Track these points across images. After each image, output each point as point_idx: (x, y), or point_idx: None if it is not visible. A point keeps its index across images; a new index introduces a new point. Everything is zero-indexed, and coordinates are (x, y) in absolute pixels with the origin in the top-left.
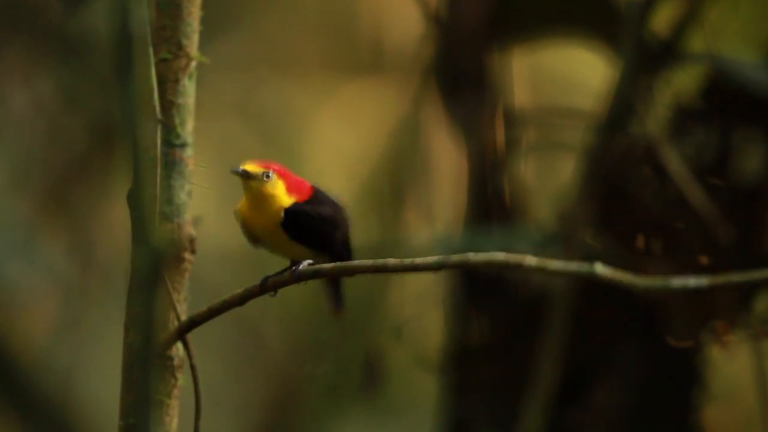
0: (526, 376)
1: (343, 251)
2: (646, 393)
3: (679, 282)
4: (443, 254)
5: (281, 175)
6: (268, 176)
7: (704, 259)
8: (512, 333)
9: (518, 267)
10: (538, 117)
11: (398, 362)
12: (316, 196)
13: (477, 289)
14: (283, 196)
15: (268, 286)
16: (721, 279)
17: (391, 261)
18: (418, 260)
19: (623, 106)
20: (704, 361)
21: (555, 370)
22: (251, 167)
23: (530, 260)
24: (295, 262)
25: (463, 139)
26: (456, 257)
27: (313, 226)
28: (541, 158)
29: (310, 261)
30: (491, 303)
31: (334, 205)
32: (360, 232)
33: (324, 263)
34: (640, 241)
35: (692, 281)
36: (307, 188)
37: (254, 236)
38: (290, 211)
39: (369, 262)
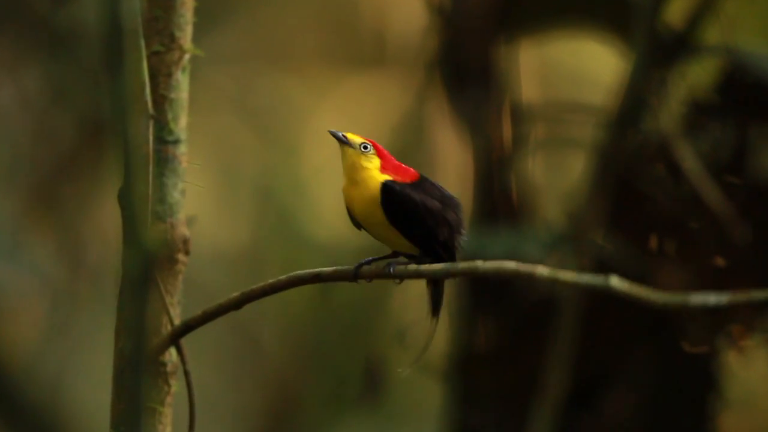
0: (534, 383)
1: (444, 251)
2: (660, 400)
3: (698, 299)
4: None
5: (380, 154)
6: (365, 147)
7: (720, 261)
8: (519, 338)
9: (529, 277)
10: (547, 112)
11: (401, 367)
12: (421, 183)
13: (483, 293)
14: (377, 171)
15: (360, 274)
16: (742, 297)
17: (397, 267)
18: (423, 267)
19: (635, 101)
20: (720, 367)
21: (564, 377)
22: (351, 135)
23: (542, 270)
24: (395, 253)
25: (469, 136)
26: (464, 264)
27: (409, 210)
28: (550, 155)
29: (405, 260)
30: (497, 307)
31: (442, 198)
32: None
33: (426, 262)
34: (653, 242)
35: (712, 299)
36: (411, 173)
37: (356, 218)
38: (386, 187)
39: (372, 266)
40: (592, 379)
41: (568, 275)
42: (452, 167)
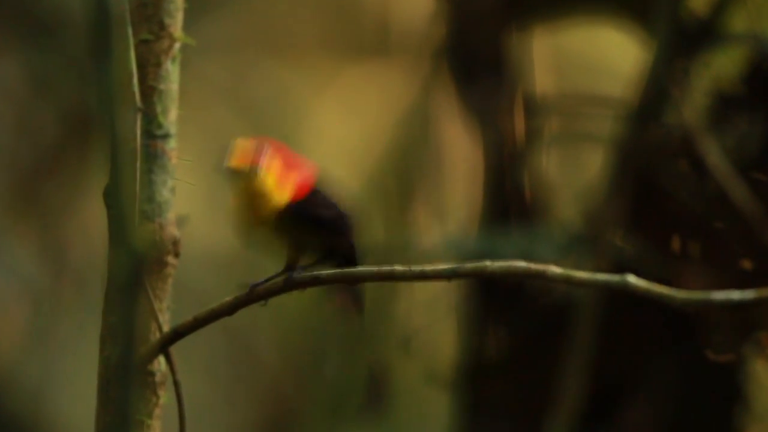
0: (548, 394)
1: (349, 255)
2: (683, 411)
3: (721, 295)
4: (456, 258)
5: (273, 164)
6: (255, 172)
7: (747, 263)
8: (533, 345)
9: (541, 277)
10: (562, 104)
11: (406, 378)
12: (316, 191)
13: (494, 297)
14: (274, 193)
15: (256, 295)
16: None
17: (399, 268)
18: (429, 268)
19: (657, 92)
20: (747, 377)
21: (581, 386)
22: (237, 162)
23: (554, 270)
24: (289, 267)
25: (479, 130)
26: (471, 265)
27: (310, 226)
28: (566, 150)
29: (303, 266)
30: (509, 312)
31: (338, 201)
32: (363, 233)
33: (323, 268)
34: (676, 244)
35: (736, 295)
36: (305, 177)
37: (247, 238)
38: (285, 209)
39: (374, 268)
40: (611, 389)
41: (581, 274)
42: (461, 164)
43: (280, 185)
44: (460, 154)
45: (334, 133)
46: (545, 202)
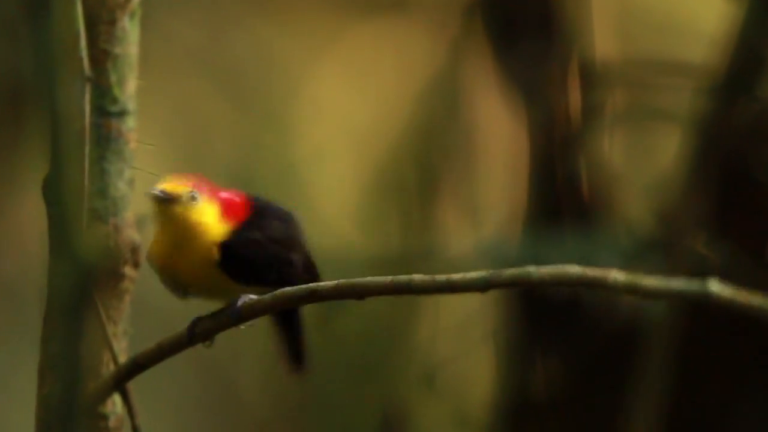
0: None
1: (308, 275)
2: None
3: None
4: (492, 269)
5: (209, 197)
6: (194, 198)
7: None
8: (592, 380)
9: (599, 285)
10: (629, 74)
11: (430, 421)
12: (257, 214)
13: (542, 318)
14: (214, 224)
15: (197, 336)
16: None
17: (418, 278)
18: (456, 276)
19: (748, 58)
20: None
21: (654, 429)
22: (173, 186)
23: (616, 276)
24: (233, 302)
25: (522, 106)
26: (510, 273)
27: (262, 259)
28: (634, 132)
29: (251, 296)
30: (562, 337)
31: (282, 218)
32: (375, 237)
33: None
34: None
35: None
36: (242, 204)
37: (180, 285)
38: (229, 246)
39: (387, 279)
40: (692, 430)
41: (651, 282)
42: (498, 148)
43: (220, 214)
44: (499, 136)
45: (336, 109)
46: (607, 197)
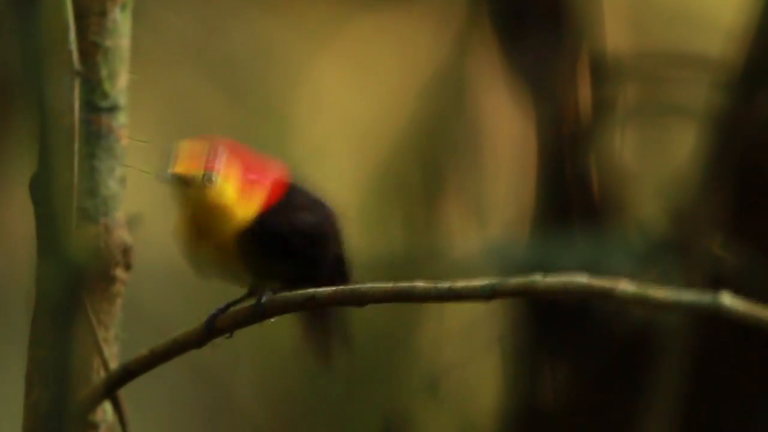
0: None
1: (338, 272)
2: None
3: None
4: (499, 272)
5: (231, 170)
6: (210, 179)
7: None
8: (603, 387)
9: (607, 296)
10: (642, 67)
11: (434, 430)
12: (287, 200)
13: (550, 324)
14: (236, 207)
15: (216, 329)
16: None
17: (421, 285)
18: (460, 285)
19: (767, 51)
20: None
21: None
22: (185, 166)
23: (625, 287)
24: (252, 291)
25: (530, 101)
26: (516, 281)
27: (283, 253)
28: (647, 129)
29: (274, 289)
30: (571, 343)
31: (314, 208)
32: (377, 238)
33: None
34: None
35: None
36: (273, 181)
37: (201, 267)
38: (248, 235)
39: (388, 285)
40: None
41: (661, 294)
42: (505, 146)
43: (242, 196)
44: (505, 133)
45: (336, 105)
46: (618, 196)
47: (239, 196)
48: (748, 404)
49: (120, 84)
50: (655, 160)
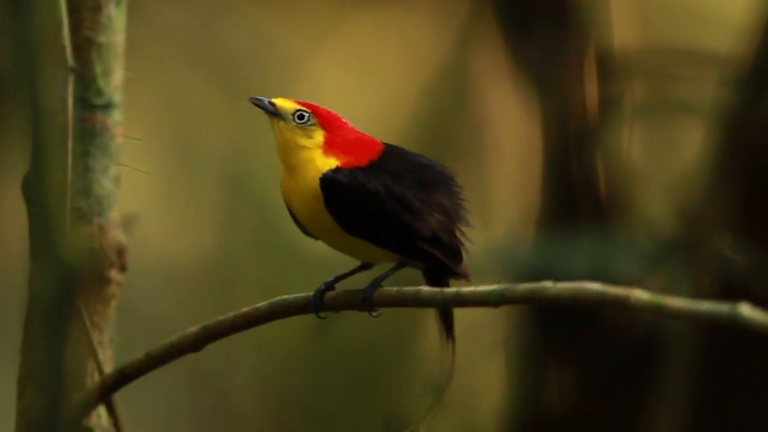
0: None
1: (440, 249)
2: None
3: None
4: (505, 273)
5: (325, 123)
6: (301, 117)
7: None
8: (609, 391)
9: (621, 304)
10: (650, 64)
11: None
12: (384, 161)
13: (556, 327)
14: (319, 152)
15: (323, 304)
16: None
17: (426, 290)
18: (467, 290)
19: None
20: None
21: None
22: (282, 101)
23: (639, 295)
24: (365, 265)
25: (536, 98)
26: (524, 287)
27: (370, 210)
28: (655, 126)
29: (380, 277)
30: (577, 346)
31: (420, 176)
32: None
33: (415, 266)
34: None
35: None
36: (371, 147)
37: (298, 220)
38: (327, 180)
39: (392, 290)
40: None
41: (677, 303)
42: (510, 144)
43: (330, 147)
44: (510, 131)
45: (336, 102)
46: (626, 195)
47: (327, 147)
48: (754, 408)
49: (115, 81)
50: (663, 159)
